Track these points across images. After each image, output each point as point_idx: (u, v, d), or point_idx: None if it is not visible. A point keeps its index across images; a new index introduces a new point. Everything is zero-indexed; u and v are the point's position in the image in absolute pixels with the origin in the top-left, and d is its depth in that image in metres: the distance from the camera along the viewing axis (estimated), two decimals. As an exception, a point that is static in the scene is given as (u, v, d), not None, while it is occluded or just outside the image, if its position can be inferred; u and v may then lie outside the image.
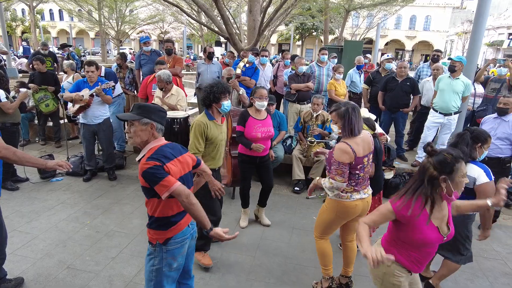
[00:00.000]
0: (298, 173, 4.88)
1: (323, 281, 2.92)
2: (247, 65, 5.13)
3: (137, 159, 1.98)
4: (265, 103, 3.54)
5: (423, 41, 43.95)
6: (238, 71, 4.93)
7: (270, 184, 3.84)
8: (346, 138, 2.51)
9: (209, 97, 2.90)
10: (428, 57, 7.46)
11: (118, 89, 5.82)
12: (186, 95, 5.58)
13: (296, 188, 4.87)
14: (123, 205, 4.32)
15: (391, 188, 4.80)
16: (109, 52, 34.57)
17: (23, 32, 37.79)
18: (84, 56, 22.58)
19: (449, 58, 5.21)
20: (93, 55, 34.62)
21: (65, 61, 6.40)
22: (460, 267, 2.92)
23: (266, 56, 5.94)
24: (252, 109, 3.61)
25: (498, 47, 40.20)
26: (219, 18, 7.44)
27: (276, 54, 32.89)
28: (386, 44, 45.01)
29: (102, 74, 5.53)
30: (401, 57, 43.76)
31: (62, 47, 10.49)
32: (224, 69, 5.25)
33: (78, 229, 3.71)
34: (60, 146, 6.27)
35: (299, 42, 37.58)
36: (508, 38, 39.71)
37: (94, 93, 4.60)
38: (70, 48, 10.59)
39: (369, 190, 2.72)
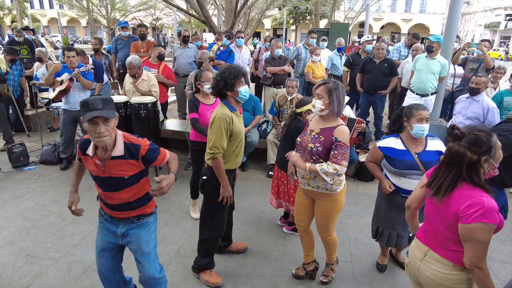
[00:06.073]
0: (273, 157, 4.83)
1: (334, 266, 2.84)
2: (221, 48, 5.02)
3: (116, 154, 1.90)
4: None
5: (419, 24, 43.40)
6: (212, 54, 4.82)
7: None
8: (331, 117, 2.33)
9: (219, 86, 2.44)
10: (424, 40, 7.46)
11: (104, 78, 5.72)
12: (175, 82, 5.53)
13: (270, 173, 4.84)
14: (93, 192, 4.17)
15: (365, 170, 4.77)
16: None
17: (12, 21, 37.11)
18: (72, 45, 22.16)
19: (427, 38, 5.11)
20: (84, 43, 34.12)
21: (38, 48, 6.24)
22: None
23: (241, 38, 5.82)
24: (199, 94, 3.46)
25: (495, 29, 39.82)
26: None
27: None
28: (382, 27, 44.46)
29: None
30: (397, 40, 43.28)
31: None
32: (199, 52, 5.12)
33: (44, 217, 3.68)
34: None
35: (294, 27, 37.07)
36: (505, 20, 39.30)
37: (73, 77, 4.52)
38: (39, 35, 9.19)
39: None
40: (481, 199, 1.52)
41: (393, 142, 2.56)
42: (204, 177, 2.65)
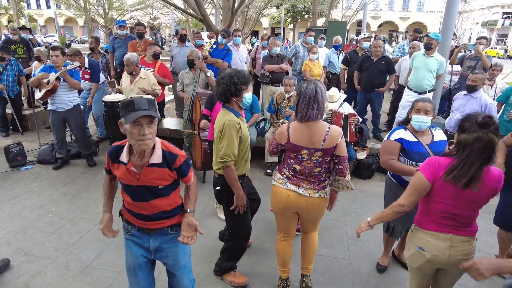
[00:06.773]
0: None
1: (278, 281, 2.75)
2: (214, 46, 5.00)
3: (154, 162, 1.79)
4: None
5: (416, 22, 43.38)
6: (205, 52, 4.80)
7: None
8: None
9: (230, 90, 2.39)
10: (422, 39, 7.41)
11: (101, 77, 5.68)
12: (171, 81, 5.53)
13: (268, 171, 4.85)
14: (92, 191, 4.28)
15: (363, 168, 4.78)
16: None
17: (9, 21, 36.90)
18: (69, 45, 22.07)
19: (426, 35, 5.11)
20: (82, 43, 33.98)
21: (36, 48, 6.21)
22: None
23: (239, 36, 5.82)
24: None
25: (492, 27, 39.88)
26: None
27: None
28: (380, 26, 44.49)
29: (86, 65, 5.33)
30: (395, 39, 43.32)
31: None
32: (189, 51, 5.08)
33: (42, 217, 3.68)
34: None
35: (291, 26, 37.04)
36: (502, 17, 39.37)
37: (60, 77, 4.49)
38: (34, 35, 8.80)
39: (315, 193, 2.35)
40: (496, 171, 1.78)
41: (404, 134, 2.54)
42: (218, 188, 2.58)
